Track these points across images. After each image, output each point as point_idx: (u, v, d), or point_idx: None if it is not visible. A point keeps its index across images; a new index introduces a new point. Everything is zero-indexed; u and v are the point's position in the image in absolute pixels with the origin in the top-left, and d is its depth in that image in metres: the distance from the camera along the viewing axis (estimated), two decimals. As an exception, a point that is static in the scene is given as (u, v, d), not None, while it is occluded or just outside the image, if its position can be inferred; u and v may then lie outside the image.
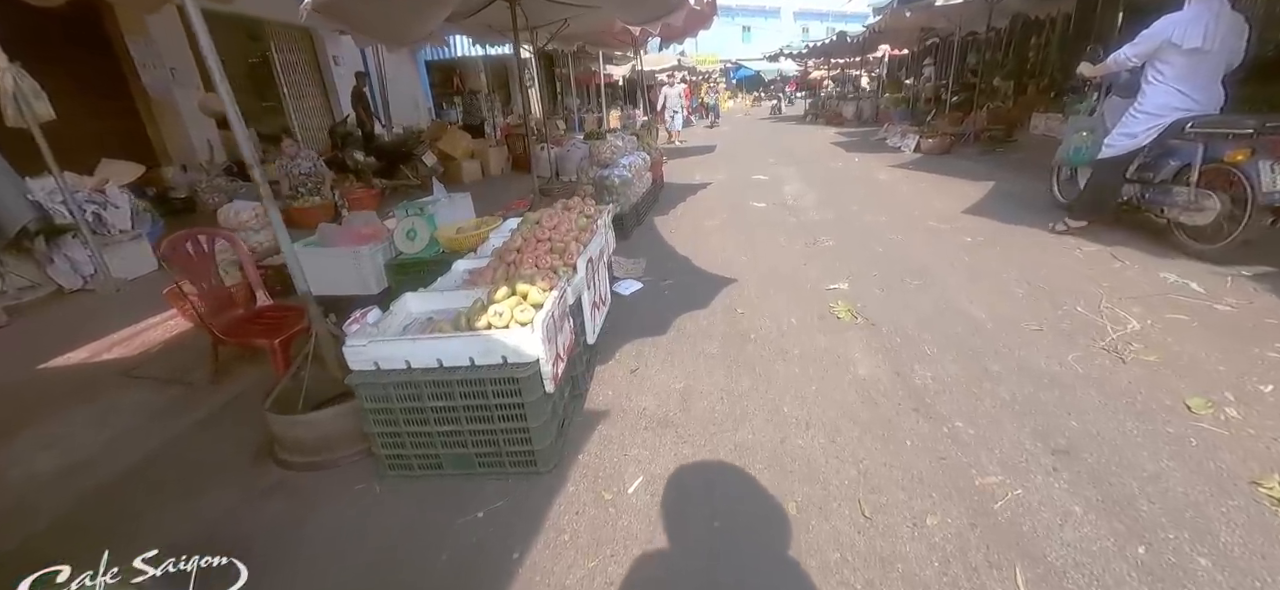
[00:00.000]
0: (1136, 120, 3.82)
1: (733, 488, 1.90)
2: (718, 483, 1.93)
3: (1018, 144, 9.06)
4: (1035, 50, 12.93)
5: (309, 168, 6.75)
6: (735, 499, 1.84)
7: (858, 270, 3.79)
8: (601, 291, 2.90)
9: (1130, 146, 3.89)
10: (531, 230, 2.69)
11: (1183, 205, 3.60)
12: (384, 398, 1.92)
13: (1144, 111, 3.77)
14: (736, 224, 5.37)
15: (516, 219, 3.71)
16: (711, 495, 1.86)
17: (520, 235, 2.65)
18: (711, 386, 2.51)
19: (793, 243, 4.58)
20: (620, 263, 4.27)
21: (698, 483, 1.93)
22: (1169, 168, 3.76)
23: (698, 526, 1.73)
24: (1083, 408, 2.13)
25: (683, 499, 1.86)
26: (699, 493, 1.88)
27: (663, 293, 3.71)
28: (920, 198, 5.89)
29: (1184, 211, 3.61)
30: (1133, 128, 3.85)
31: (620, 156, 5.61)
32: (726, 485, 1.91)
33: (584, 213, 3.28)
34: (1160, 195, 3.78)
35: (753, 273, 3.92)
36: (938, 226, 4.70)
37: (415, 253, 3.54)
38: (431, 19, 5.55)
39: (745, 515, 1.77)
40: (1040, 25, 12.10)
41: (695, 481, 1.94)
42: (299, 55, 11.69)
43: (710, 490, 1.89)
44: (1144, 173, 3.98)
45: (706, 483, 1.93)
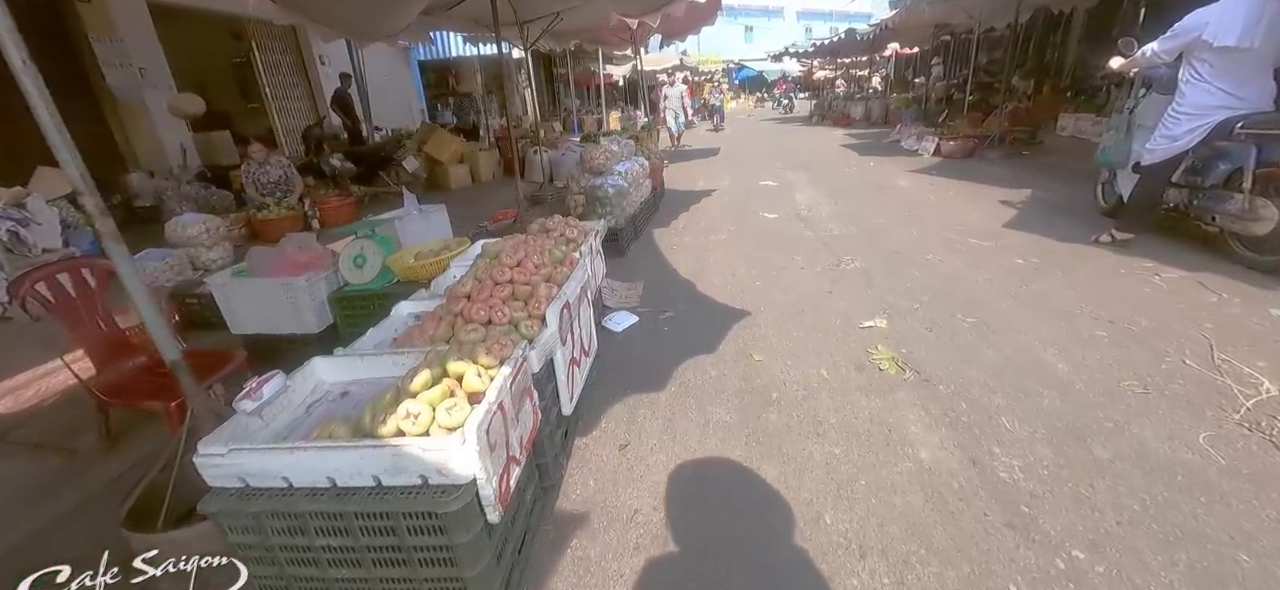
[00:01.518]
0: (1177, 121, 3.38)
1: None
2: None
3: (1044, 146, 8.43)
4: (1053, 47, 12.31)
5: (279, 174, 6.16)
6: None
7: (895, 301, 3.18)
8: (583, 342, 2.29)
9: (1172, 149, 3.45)
10: (488, 269, 2.07)
11: (1237, 214, 3.18)
12: (256, 530, 1.32)
13: (1183, 112, 3.34)
14: (746, 238, 4.76)
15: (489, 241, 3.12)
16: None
17: (473, 275, 2.04)
18: (726, 477, 1.90)
19: (812, 263, 3.97)
20: (612, 288, 3.67)
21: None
22: (1219, 172, 3.40)
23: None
24: (1247, 526, 1.52)
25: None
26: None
27: (662, 329, 3.11)
28: (951, 208, 5.27)
29: (1238, 221, 3.19)
30: (1173, 129, 3.40)
31: (615, 163, 5.01)
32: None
33: (564, 238, 2.68)
34: (1211, 202, 3.39)
35: (768, 302, 3.31)
36: (980, 245, 4.08)
37: (364, 283, 2.95)
38: (402, 13, 4.97)
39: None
40: (1058, 21, 11.46)
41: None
42: (283, 55, 11.15)
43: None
44: (1192, 177, 3.58)
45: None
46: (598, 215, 4.61)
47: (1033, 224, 4.48)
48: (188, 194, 7.32)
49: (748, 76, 32.64)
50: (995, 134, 8.24)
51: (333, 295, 2.95)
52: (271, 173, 6.15)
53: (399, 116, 13.51)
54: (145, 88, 8.09)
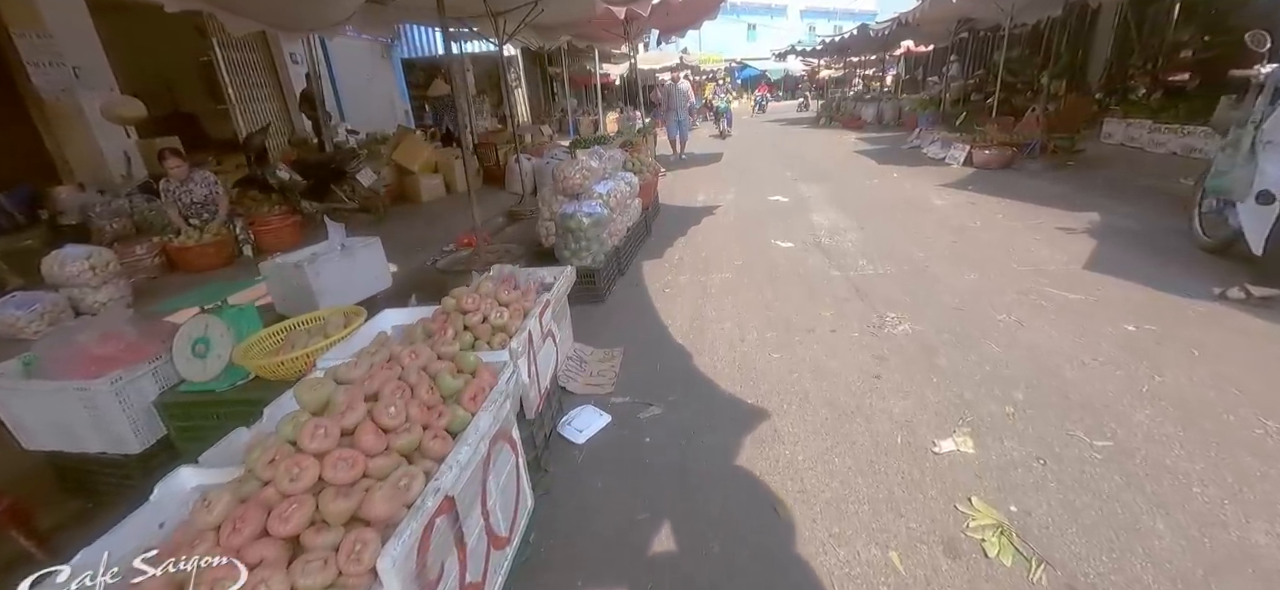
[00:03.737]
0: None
1: None
2: None
3: (1089, 156, 7.44)
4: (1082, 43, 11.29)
5: (205, 193, 5.24)
6: None
7: (976, 399, 2.23)
8: (498, 524, 1.36)
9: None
10: (348, 403, 1.12)
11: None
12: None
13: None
14: (756, 278, 3.81)
15: (407, 315, 2.19)
16: None
17: (301, 427, 1.08)
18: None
19: (845, 322, 3.02)
20: (581, 359, 2.73)
21: None
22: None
23: None
24: None
25: None
26: None
27: (643, 439, 2.16)
28: (1007, 238, 4.30)
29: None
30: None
31: (595, 181, 4.07)
32: None
33: (498, 304, 1.76)
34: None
35: (792, 394, 2.37)
36: (1065, 299, 3.12)
37: (206, 381, 2.01)
38: (326, 3, 4.03)
39: None
40: (1092, 15, 10.44)
41: None
42: (249, 52, 10.24)
43: None
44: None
45: None
46: (569, 250, 3.67)
47: (1122, 265, 3.52)
48: (121, 210, 6.41)
49: (750, 76, 31.67)
50: (1034, 141, 7.27)
51: (162, 399, 2.02)
52: (195, 191, 5.23)
53: (381, 119, 12.63)
54: (80, 89, 7.17)
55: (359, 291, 3.48)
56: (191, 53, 10.01)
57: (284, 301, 3.32)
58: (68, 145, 7.34)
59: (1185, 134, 6.51)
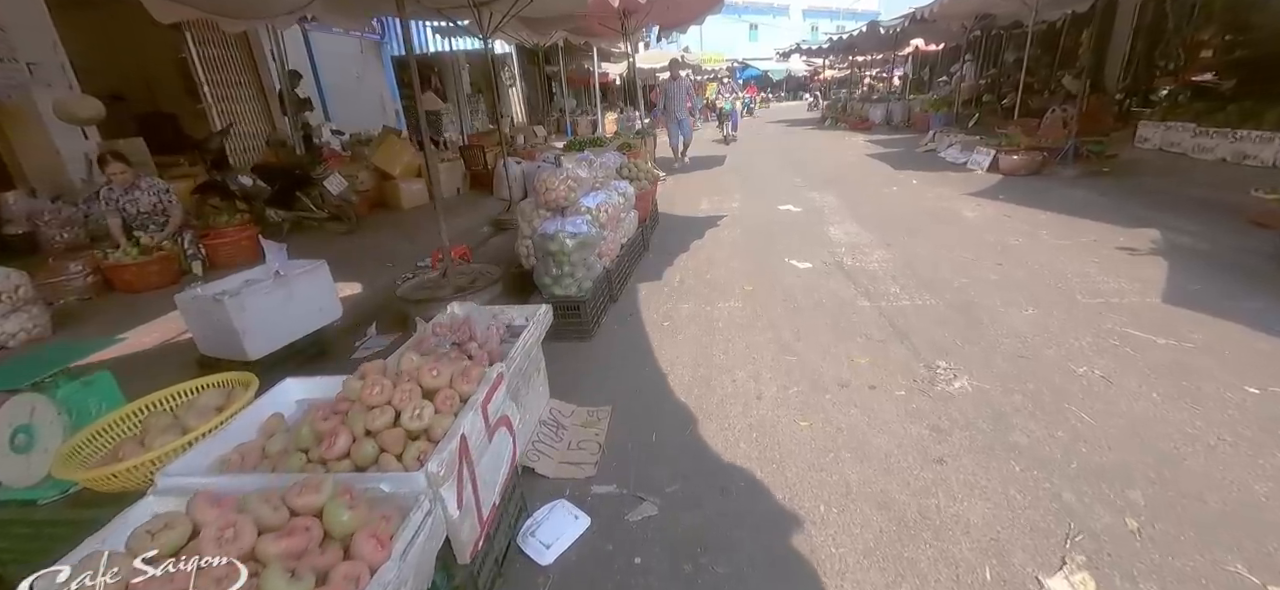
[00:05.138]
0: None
1: None
2: None
3: (1123, 162, 6.86)
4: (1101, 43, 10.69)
5: (153, 201, 4.68)
6: None
7: (1081, 508, 1.65)
8: None
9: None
10: None
11: None
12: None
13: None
14: (771, 311, 3.24)
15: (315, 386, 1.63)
16: None
17: None
18: None
19: (887, 375, 2.45)
20: (557, 426, 2.17)
21: None
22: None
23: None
24: None
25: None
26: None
27: (633, 563, 1.60)
28: (1060, 261, 3.72)
29: None
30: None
31: (584, 194, 3.50)
32: None
33: (421, 390, 1.19)
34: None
35: (830, 488, 1.80)
36: (1155, 345, 2.54)
37: (26, 488, 1.45)
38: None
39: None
40: (1105, 13, 9.85)
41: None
42: (228, 49, 9.69)
43: None
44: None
45: None
46: (550, 277, 3.10)
47: (1206, 299, 2.94)
48: (73, 219, 5.87)
49: (752, 75, 31.10)
50: (1067, 146, 6.69)
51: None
52: (141, 199, 4.67)
53: (370, 118, 12.10)
54: (35, 86, 6.60)
55: (298, 327, 2.91)
56: (170, 49, 9.49)
57: (207, 341, 2.76)
58: (22, 148, 6.78)
59: (1237, 138, 5.93)
